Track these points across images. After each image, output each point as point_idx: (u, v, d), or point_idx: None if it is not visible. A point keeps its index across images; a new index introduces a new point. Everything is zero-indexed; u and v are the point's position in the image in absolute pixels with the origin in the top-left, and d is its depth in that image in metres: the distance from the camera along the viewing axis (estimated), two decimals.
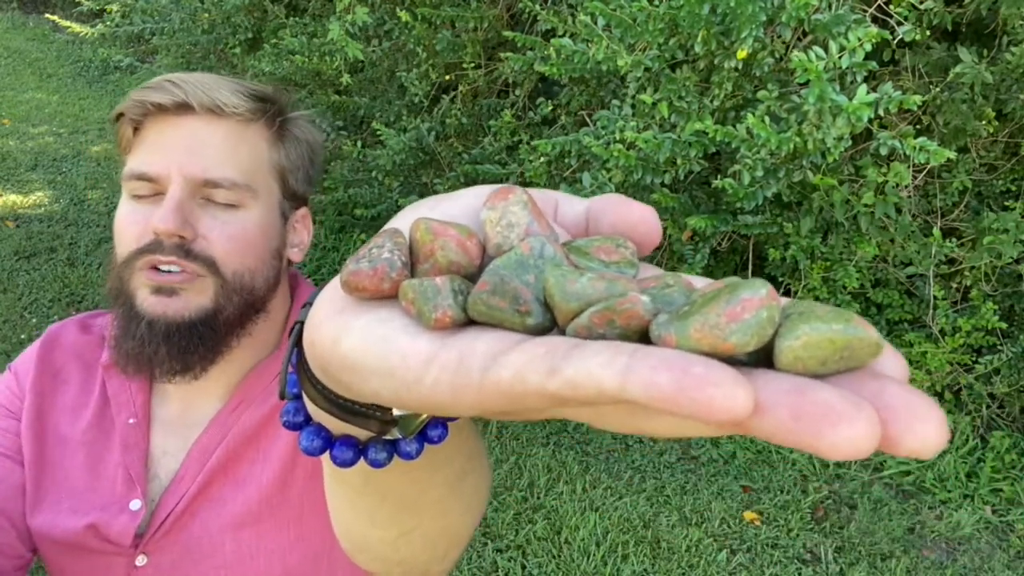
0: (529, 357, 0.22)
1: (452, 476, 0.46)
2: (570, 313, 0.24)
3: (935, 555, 2.40)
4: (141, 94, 0.79)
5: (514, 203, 0.29)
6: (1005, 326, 2.45)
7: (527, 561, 2.28)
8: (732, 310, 0.21)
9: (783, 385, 0.20)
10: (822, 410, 0.19)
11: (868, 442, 0.19)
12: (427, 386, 0.25)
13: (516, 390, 0.22)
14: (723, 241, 2.61)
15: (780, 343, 0.22)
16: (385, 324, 0.27)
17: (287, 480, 0.80)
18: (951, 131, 2.36)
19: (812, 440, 0.19)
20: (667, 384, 0.19)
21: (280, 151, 0.84)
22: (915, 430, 0.20)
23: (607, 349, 0.21)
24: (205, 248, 0.77)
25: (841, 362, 0.22)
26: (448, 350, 0.25)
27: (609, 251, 0.28)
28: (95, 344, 0.90)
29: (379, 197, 3.19)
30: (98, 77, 6.68)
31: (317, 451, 0.37)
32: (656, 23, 1.93)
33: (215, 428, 0.82)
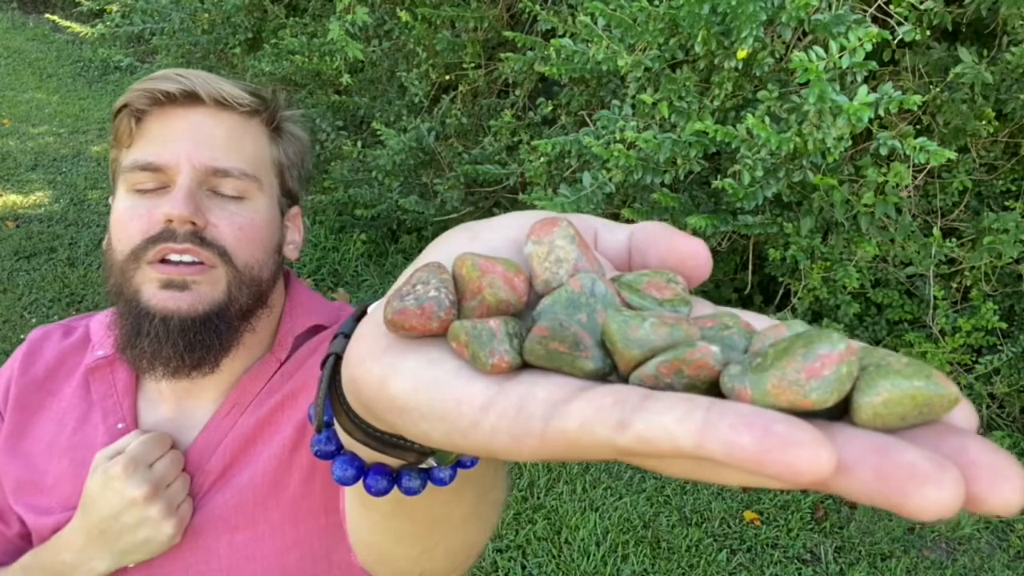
0: (596, 408, 0.22)
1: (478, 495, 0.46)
2: (632, 360, 0.24)
3: (935, 555, 2.40)
4: (148, 84, 0.78)
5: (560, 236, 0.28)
6: (1005, 326, 2.45)
7: (527, 561, 2.28)
8: (811, 366, 0.21)
9: (865, 444, 0.20)
10: (908, 471, 0.19)
11: (954, 503, 0.19)
12: (485, 432, 0.24)
13: (583, 441, 0.22)
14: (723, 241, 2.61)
15: (860, 399, 0.21)
16: (436, 366, 0.26)
17: (283, 482, 0.79)
18: (951, 131, 2.36)
19: (898, 500, 0.19)
20: (748, 444, 0.19)
21: (279, 147, 0.84)
22: (1000, 490, 0.20)
23: (681, 403, 0.21)
24: (217, 236, 0.76)
25: (920, 417, 0.22)
26: (507, 396, 0.24)
27: (660, 287, 0.28)
28: (77, 347, 0.89)
29: (379, 197, 3.19)
30: (98, 77, 6.68)
31: (351, 480, 0.37)
32: (656, 23, 1.93)
33: (210, 432, 0.82)
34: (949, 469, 0.19)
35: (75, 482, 0.81)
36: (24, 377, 0.87)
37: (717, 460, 0.20)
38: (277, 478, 0.79)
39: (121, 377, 0.84)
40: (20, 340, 3.13)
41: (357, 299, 3.45)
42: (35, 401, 0.86)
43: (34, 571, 0.79)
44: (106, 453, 0.77)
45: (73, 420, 0.84)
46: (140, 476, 0.74)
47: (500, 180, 2.76)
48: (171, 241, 0.74)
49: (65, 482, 0.81)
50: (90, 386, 0.85)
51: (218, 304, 0.77)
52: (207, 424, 0.82)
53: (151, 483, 0.74)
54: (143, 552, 0.75)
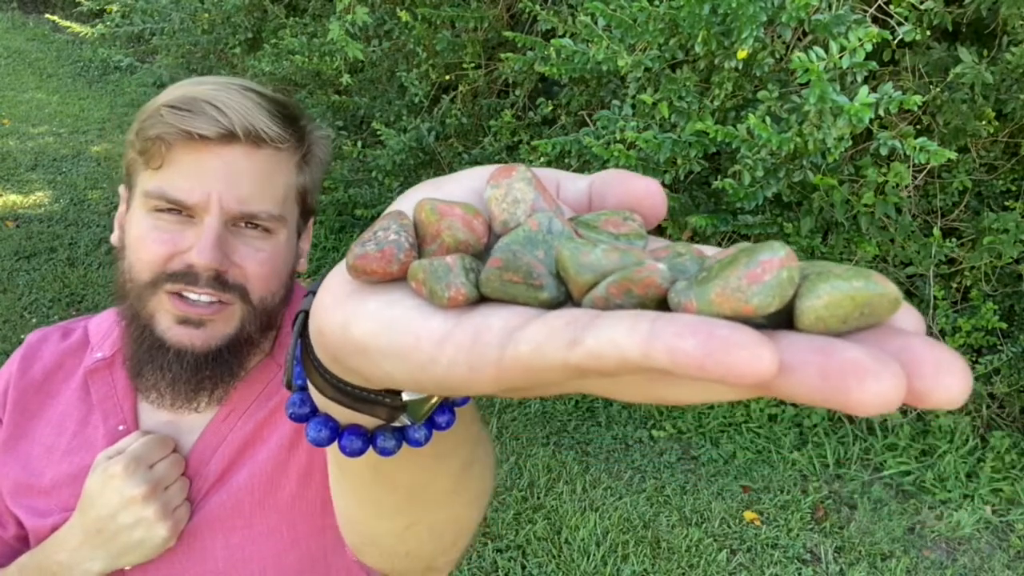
0: (549, 330, 0.22)
1: (458, 465, 0.46)
2: (585, 285, 0.24)
3: (935, 555, 2.40)
4: (182, 121, 0.74)
5: (518, 179, 0.28)
6: (1005, 326, 2.45)
7: (527, 561, 2.28)
8: (752, 272, 0.21)
9: (808, 345, 0.20)
10: (849, 367, 0.19)
11: (895, 395, 0.19)
12: (443, 365, 0.24)
13: (536, 364, 0.22)
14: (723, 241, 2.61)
15: (801, 303, 0.22)
16: (396, 306, 0.26)
17: (279, 483, 0.79)
18: (951, 131, 2.36)
19: (840, 397, 0.19)
20: (692, 348, 0.19)
21: (305, 174, 0.83)
22: (942, 383, 0.20)
23: (628, 318, 0.21)
24: (238, 277, 0.76)
25: (861, 319, 0.22)
26: (463, 328, 0.24)
27: (617, 224, 0.28)
28: (76, 349, 0.89)
29: (379, 197, 3.19)
30: (98, 77, 6.68)
31: (325, 441, 0.37)
32: (656, 23, 1.93)
33: (208, 437, 0.82)
34: (889, 364, 0.19)
35: (75, 484, 0.81)
36: (23, 380, 0.86)
37: (662, 368, 0.20)
38: (274, 479, 0.79)
39: (121, 379, 0.84)
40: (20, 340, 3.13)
41: None
42: (34, 403, 0.86)
43: (29, 571, 0.79)
44: (107, 453, 0.78)
45: (73, 423, 0.84)
46: (140, 476, 0.75)
47: None
48: (193, 284, 0.74)
49: (65, 484, 0.81)
50: (89, 388, 0.85)
51: (230, 338, 0.78)
52: (206, 428, 0.82)
53: (150, 483, 0.75)
54: (137, 554, 0.75)
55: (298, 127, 0.81)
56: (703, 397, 0.23)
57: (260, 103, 0.77)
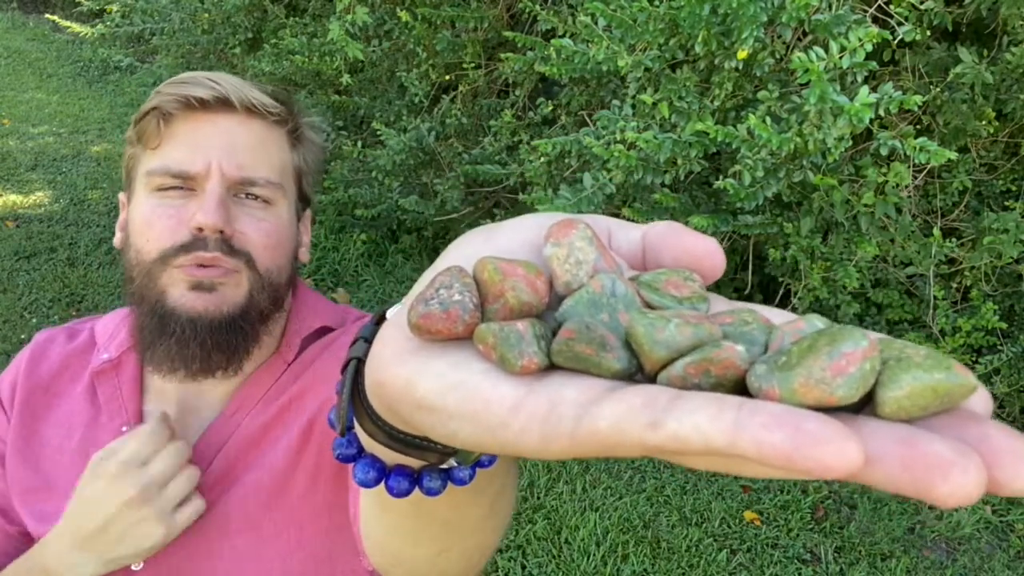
0: (627, 408, 0.22)
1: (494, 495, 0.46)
2: (659, 361, 0.25)
3: (935, 555, 2.40)
4: (179, 88, 0.78)
5: (579, 238, 0.29)
6: (1005, 326, 2.45)
7: (527, 561, 2.28)
8: (837, 364, 0.22)
9: (891, 435, 0.21)
10: (933, 461, 0.20)
11: (978, 489, 0.20)
12: (514, 431, 0.25)
13: (613, 440, 0.22)
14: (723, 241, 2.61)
15: (884, 393, 0.22)
16: (463, 368, 0.27)
17: (286, 486, 0.79)
18: (951, 131, 2.36)
19: (925, 489, 0.20)
20: (780, 442, 0.20)
21: (298, 154, 0.85)
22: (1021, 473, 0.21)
23: (712, 403, 0.21)
24: (243, 243, 0.77)
25: (940, 406, 0.23)
26: (536, 397, 0.25)
27: (679, 285, 0.28)
28: (82, 350, 0.89)
29: (379, 197, 3.19)
30: (98, 77, 6.67)
31: (373, 483, 0.37)
32: (656, 23, 1.93)
33: (213, 434, 0.81)
34: (972, 456, 0.20)
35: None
36: (29, 380, 0.86)
37: (749, 457, 0.20)
38: (282, 480, 0.79)
39: (126, 380, 0.84)
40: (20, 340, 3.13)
41: (357, 299, 3.45)
42: (42, 405, 0.86)
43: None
44: (100, 454, 0.76)
45: (81, 424, 0.84)
46: (132, 477, 0.73)
47: (500, 180, 2.76)
48: (202, 250, 0.75)
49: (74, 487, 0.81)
50: (96, 390, 0.85)
51: (240, 306, 0.78)
52: (212, 424, 0.82)
53: (143, 484, 0.73)
54: (132, 556, 0.74)
55: (288, 105, 0.84)
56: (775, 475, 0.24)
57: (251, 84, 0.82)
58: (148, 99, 0.80)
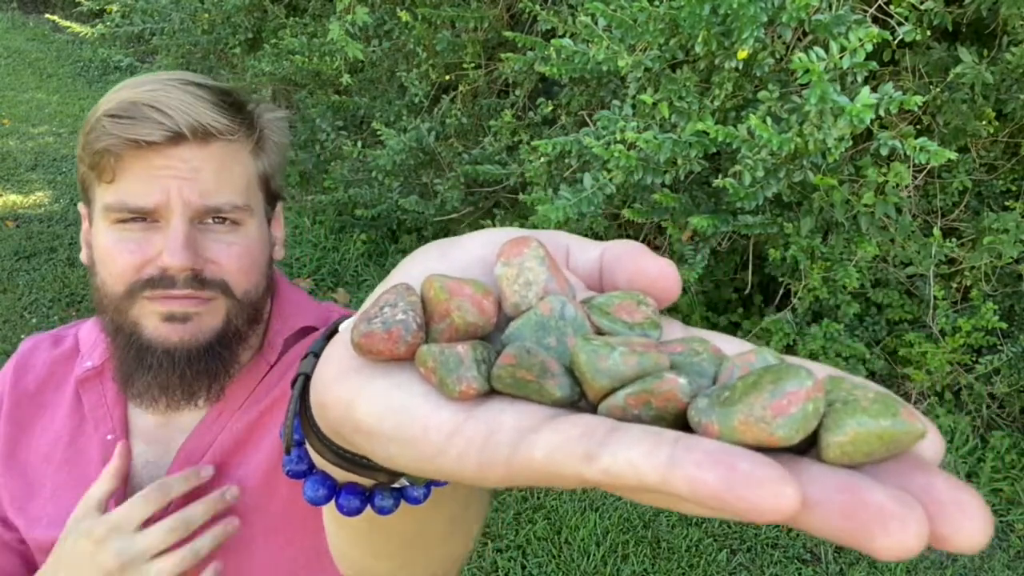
0: (563, 439, 0.22)
1: (456, 509, 0.45)
2: (601, 391, 0.24)
3: (935, 555, 2.40)
4: (125, 130, 0.72)
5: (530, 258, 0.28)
6: (1005, 326, 2.45)
7: (527, 561, 2.28)
8: (778, 403, 0.21)
9: (832, 482, 0.20)
10: (873, 512, 0.19)
11: (918, 543, 0.19)
12: (452, 458, 0.24)
13: (549, 471, 0.22)
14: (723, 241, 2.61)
15: (827, 437, 0.21)
16: (403, 391, 0.26)
17: (272, 485, 0.79)
18: (951, 131, 2.36)
19: (863, 541, 0.19)
20: (713, 481, 0.19)
21: (263, 159, 0.82)
22: (964, 528, 0.20)
23: (648, 438, 0.21)
24: (216, 273, 0.75)
25: (886, 452, 0.22)
26: (474, 423, 0.24)
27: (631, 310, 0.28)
28: (67, 357, 0.88)
29: (379, 197, 3.19)
30: (98, 77, 6.67)
31: (323, 500, 0.37)
32: (656, 23, 1.93)
33: (199, 435, 0.81)
34: (914, 509, 0.19)
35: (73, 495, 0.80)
36: (16, 390, 0.86)
37: (682, 496, 0.19)
38: (268, 480, 0.79)
39: (111, 388, 0.84)
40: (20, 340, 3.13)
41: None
42: (28, 414, 0.85)
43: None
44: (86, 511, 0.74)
45: (67, 433, 0.84)
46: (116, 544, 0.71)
47: (500, 180, 2.76)
48: (171, 288, 0.73)
49: (63, 495, 0.81)
50: (81, 398, 0.85)
51: (217, 332, 0.77)
52: (196, 428, 0.82)
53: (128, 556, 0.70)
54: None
55: (246, 114, 0.80)
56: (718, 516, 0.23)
57: (203, 96, 0.76)
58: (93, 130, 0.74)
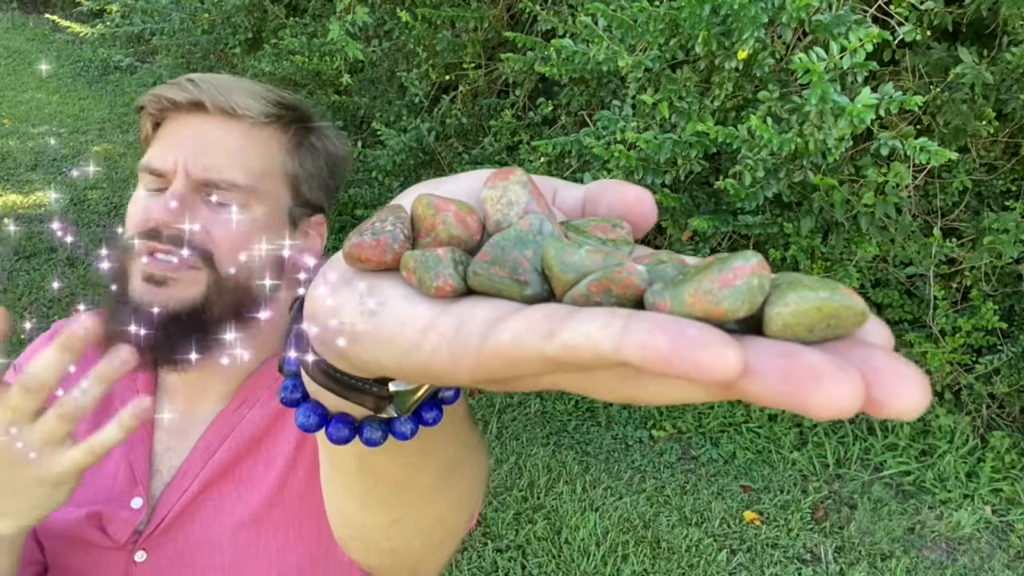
0: (528, 322, 0.23)
1: (445, 464, 0.47)
2: (568, 283, 0.25)
3: (935, 555, 2.40)
4: (160, 89, 0.82)
5: (514, 183, 0.29)
6: (1005, 326, 2.45)
7: (527, 561, 2.28)
8: (724, 277, 0.22)
9: (773, 349, 0.21)
10: (809, 371, 0.20)
11: (852, 401, 0.19)
12: (426, 352, 0.25)
13: (514, 354, 0.23)
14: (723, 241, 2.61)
15: (769, 310, 0.23)
16: (386, 293, 0.27)
17: (287, 481, 0.80)
18: (951, 131, 2.36)
19: (800, 400, 0.20)
20: (662, 346, 0.20)
21: (295, 158, 0.85)
22: (900, 393, 0.21)
23: (603, 314, 0.22)
24: (204, 241, 0.78)
25: (828, 330, 0.23)
26: (447, 317, 0.25)
27: (606, 230, 0.29)
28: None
29: (379, 197, 3.19)
30: (98, 77, 6.67)
31: (313, 427, 0.38)
32: (657, 24, 1.93)
33: (218, 426, 0.83)
34: (849, 370, 0.20)
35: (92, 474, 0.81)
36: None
37: (633, 363, 0.20)
38: (282, 476, 0.80)
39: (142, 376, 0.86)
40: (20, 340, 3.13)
41: None
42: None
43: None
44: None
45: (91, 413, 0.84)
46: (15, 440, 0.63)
47: None
48: (156, 240, 0.77)
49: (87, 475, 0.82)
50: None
51: (192, 305, 0.77)
52: (215, 419, 0.83)
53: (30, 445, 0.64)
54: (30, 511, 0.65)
55: (288, 110, 0.84)
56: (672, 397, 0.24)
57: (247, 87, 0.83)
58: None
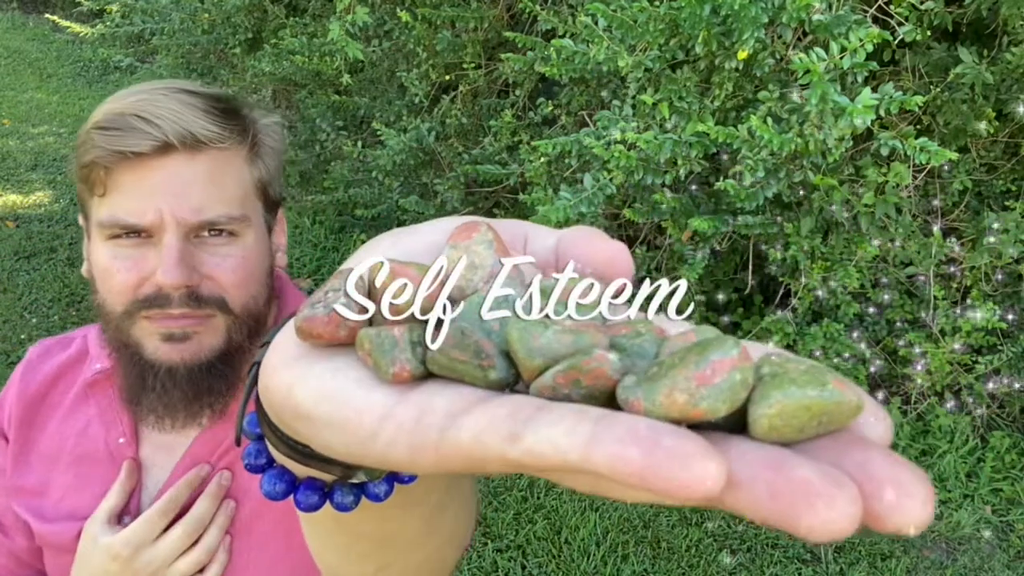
0: (490, 419, 0.21)
1: (429, 511, 0.44)
2: (535, 370, 0.23)
3: (935, 555, 2.40)
4: (113, 141, 0.71)
5: (478, 242, 0.27)
6: (1005, 326, 2.45)
7: (527, 561, 2.28)
8: (702, 373, 0.20)
9: (760, 458, 0.19)
10: (800, 488, 0.18)
11: (849, 522, 0.18)
12: (382, 443, 0.23)
13: (476, 454, 0.21)
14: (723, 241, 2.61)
15: (754, 411, 0.20)
16: (340, 375, 0.26)
17: None
18: (951, 131, 2.36)
19: (790, 521, 0.18)
20: (635, 458, 0.18)
21: (259, 166, 0.80)
22: (902, 507, 0.19)
23: (571, 415, 0.20)
24: (213, 289, 0.74)
25: (820, 427, 0.21)
26: (405, 406, 0.24)
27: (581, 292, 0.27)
28: (76, 360, 0.88)
29: (379, 197, 3.19)
30: (98, 77, 6.67)
31: (280, 496, 0.35)
32: (657, 24, 1.93)
33: (204, 440, 0.82)
34: (844, 486, 0.18)
35: (79, 495, 0.81)
36: (25, 394, 0.86)
37: (603, 475, 0.19)
38: None
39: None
40: (20, 340, 3.13)
41: None
42: (39, 417, 0.86)
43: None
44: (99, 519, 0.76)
45: (73, 434, 0.84)
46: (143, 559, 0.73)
47: (500, 180, 2.76)
48: (167, 306, 0.72)
49: (70, 496, 0.82)
50: (89, 399, 0.85)
51: (219, 350, 0.76)
52: (200, 433, 0.82)
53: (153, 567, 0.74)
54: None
55: (239, 119, 0.78)
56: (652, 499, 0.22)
57: (193, 103, 0.74)
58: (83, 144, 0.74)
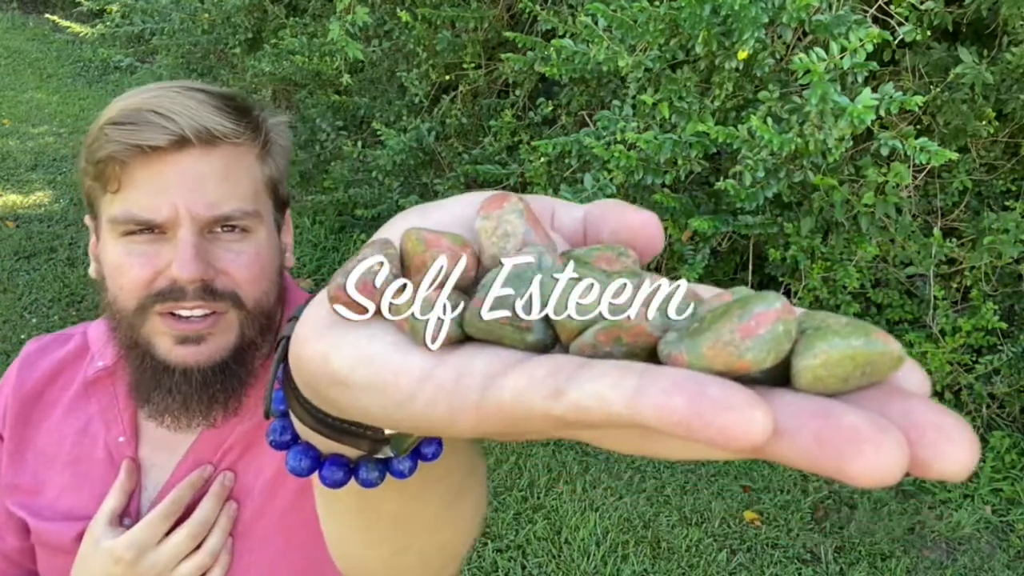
0: (530, 378, 0.21)
1: (448, 494, 0.44)
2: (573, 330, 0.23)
3: (935, 555, 2.40)
4: (130, 134, 0.72)
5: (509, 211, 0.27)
6: (1005, 326, 2.45)
7: (527, 561, 2.28)
8: (746, 325, 0.20)
9: (805, 407, 0.19)
10: (847, 435, 0.18)
11: (897, 467, 0.18)
12: (421, 405, 0.24)
13: (518, 412, 0.21)
14: (723, 241, 2.61)
15: (798, 362, 0.21)
16: (375, 340, 0.26)
17: (276, 491, 0.79)
18: (951, 131, 2.36)
19: (838, 466, 0.18)
20: (681, 407, 0.18)
21: (269, 164, 0.81)
22: (946, 453, 0.19)
23: (615, 370, 0.20)
24: (227, 284, 0.75)
25: (863, 378, 0.21)
26: (444, 368, 0.24)
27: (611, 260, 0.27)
28: (75, 356, 0.88)
29: (379, 197, 3.19)
30: (98, 77, 6.67)
31: (306, 471, 0.35)
32: (657, 24, 1.93)
33: (207, 438, 0.81)
34: (891, 431, 0.18)
35: (77, 494, 0.81)
36: (20, 391, 0.86)
37: (650, 426, 0.19)
38: (273, 486, 0.79)
39: (123, 389, 0.84)
40: (20, 340, 3.13)
41: None
42: (35, 414, 0.86)
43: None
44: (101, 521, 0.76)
45: (72, 432, 0.84)
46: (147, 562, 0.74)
47: (500, 180, 2.76)
48: (181, 300, 0.72)
49: (67, 495, 0.82)
50: (90, 397, 0.85)
51: (233, 348, 0.76)
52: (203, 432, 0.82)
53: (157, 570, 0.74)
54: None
55: (251, 118, 0.78)
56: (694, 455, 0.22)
57: (206, 101, 0.75)
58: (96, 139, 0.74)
